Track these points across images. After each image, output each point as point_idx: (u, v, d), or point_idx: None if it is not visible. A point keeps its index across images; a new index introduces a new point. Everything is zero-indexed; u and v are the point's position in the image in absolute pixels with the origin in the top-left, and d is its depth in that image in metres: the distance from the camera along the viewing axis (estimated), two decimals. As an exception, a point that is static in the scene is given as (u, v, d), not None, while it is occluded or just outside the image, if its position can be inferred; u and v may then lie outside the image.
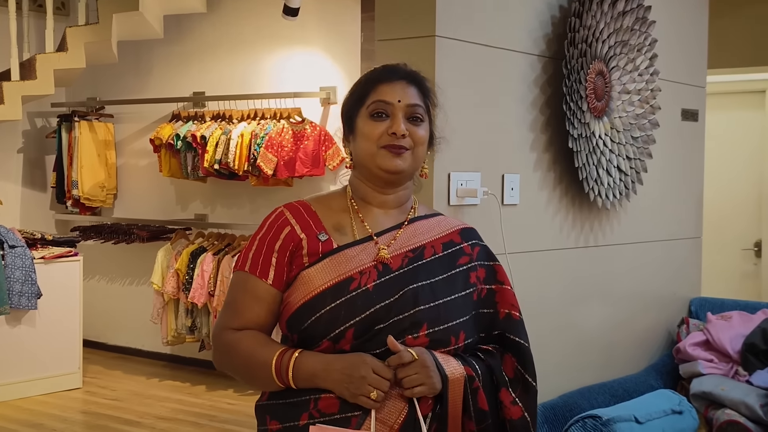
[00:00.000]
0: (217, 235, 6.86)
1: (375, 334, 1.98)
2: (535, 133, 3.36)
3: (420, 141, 2.09)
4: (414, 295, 2.02)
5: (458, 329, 2.05)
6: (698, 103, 4.36)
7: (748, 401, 3.48)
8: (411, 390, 1.94)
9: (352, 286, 2.01)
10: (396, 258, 2.07)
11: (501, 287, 2.17)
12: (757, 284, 7.02)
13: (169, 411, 5.98)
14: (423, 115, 2.12)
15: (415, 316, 2.00)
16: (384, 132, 2.06)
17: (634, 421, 3.23)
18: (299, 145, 6.34)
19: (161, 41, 7.11)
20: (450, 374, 1.99)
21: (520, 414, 2.09)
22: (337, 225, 2.11)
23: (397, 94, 2.09)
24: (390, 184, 2.12)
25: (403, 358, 1.93)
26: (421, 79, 2.17)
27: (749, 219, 7.06)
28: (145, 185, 7.62)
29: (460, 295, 2.09)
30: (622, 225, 3.84)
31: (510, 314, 2.16)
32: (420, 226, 2.16)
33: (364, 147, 2.09)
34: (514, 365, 2.13)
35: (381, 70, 2.16)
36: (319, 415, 1.96)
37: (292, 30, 6.54)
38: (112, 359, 7.54)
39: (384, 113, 2.08)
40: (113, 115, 7.70)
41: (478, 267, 2.16)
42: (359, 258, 2.05)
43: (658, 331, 4.14)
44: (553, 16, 3.43)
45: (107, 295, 7.86)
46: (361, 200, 2.15)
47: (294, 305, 2.03)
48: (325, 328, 1.98)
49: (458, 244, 2.17)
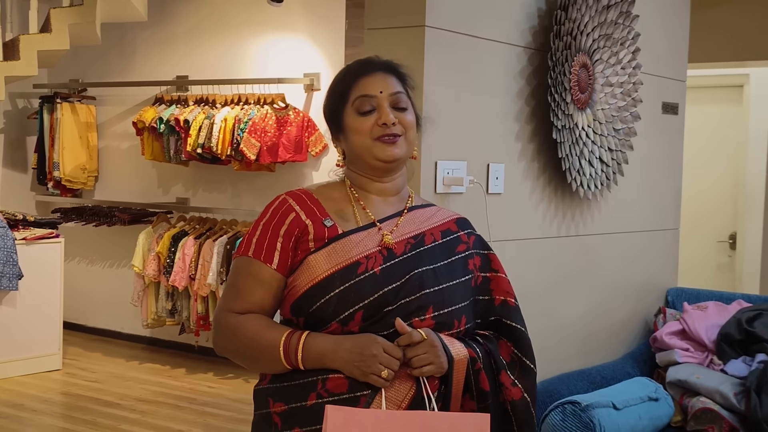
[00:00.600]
0: (199, 219, 6.89)
1: (383, 317, 2.03)
2: (520, 123, 3.41)
3: (409, 126, 2.16)
4: (419, 279, 2.08)
5: (460, 313, 2.12)
6: (678, 96, 4.43)
7: (722, 389, 3.55)
8: (420, 369, 2.00)
9: (360, 270, 2.05)
10: (399, 244, 2.12)
11: (496, 275, 2.25)
12: (732, 276, 7.12)
13: (149, 393, 6.01)
14: (407, 101, 2.18)
15: (422, 299, 2.06)
16: (374, 124, 2.12)
17: (612, 407, 3.29)
18: (282, 131, 6.37)
19: (145, 24, 7.10)
20: (455, 355, 2.06)
21: (520, 395, 2.17)
22: (340, 212, 2.15)
23: (378, 85, 2.14)
24: (387, 172, 2.17)
25: (414, 337, 1.99)
26: (396, 67, 2.23)
27: (724, 212, 7.16)
28: (126, 168, 7.62)
29: (461, 281, 2.16)
30: (602, 215, 3.90)
31: (506, 301, 2.23)
32: (419, 215, 2.22)
33: (357, 142, 2.14)
34: (510, 350, 2.21)
35: (357, 65, 2.22)
36: (327, 395, 2.00)
37: (276, 15, 6.56)
38: (91, 341, 7.56)
39: (370, 107, 2.13)
40: (95, 97, 7.69)
41: (474, 255, 2.23)
42: (364, 243, 2.10)
43: (636, 320, 4.21)
44: (539, 8, 3.47)
45: (87, 277, 7.87)
46: (361, 189, 2.20)
47: (300, 289, 2.07)
48: (334, 310, 2.03)
49: (455, 233, 2.23)
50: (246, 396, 5.93)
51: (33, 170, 7.74)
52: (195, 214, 6.98)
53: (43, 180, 7.55)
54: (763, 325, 3.80)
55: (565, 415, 3.19)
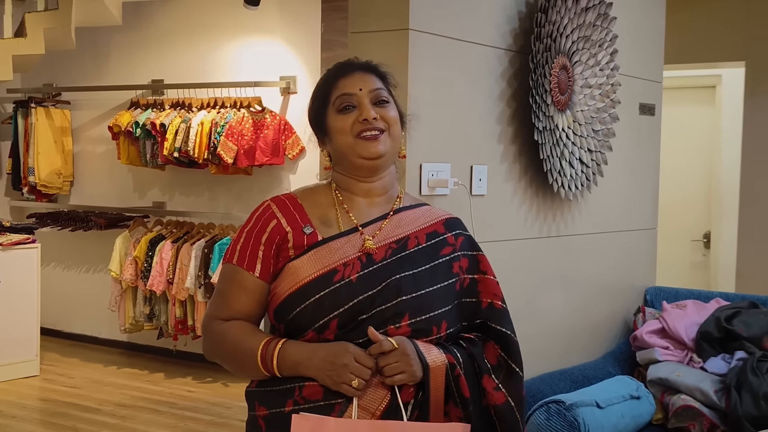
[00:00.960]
0: (176, 223, 6.87)
1: (358, 324, 2.02)
2: (502, 125, 3.44)
3: (392, 120, 2.14)
4: (397, 285, 2.06)
5: (440, 319, 2.09)
6: (655, 97, 4.47)
7: (702, 387, 3.59)
8: (391, 378, 1.99)
9: (336, 277, 2.05)
10: (380, 249, 2.11)
11: (483, 277, 2.21)
12: (706, 274, 7.20)
13: (129, 398, 6.00)
14: (388, 97, 2.17)
15: (398, 306, 2.05)
16: (355, 121, 2.11)
17: (595, 405, 3.33)
18: (259, 134, 6.37)
19: (119, 28, 7.06)
20: (431, 362, 2.03)
21: (503, 399, 2.13)
22: (323, 218, 2.14)
23: (357, 84, 2.14)
24: (373, 170, 2.15)
25: (384, 346, 1.98)
26: (375, 66, 2.22)
27: (699, 211, 7.23)
28: (102, 172, 7.59)
29: (443, 286, 2.13)
30: (582, 216, 3.94)
31: (492, 303, 2.20)
32: (405, 217, 2.20)
33: (340, 141, 2.13)
34: (497, 353, 2.17)
35: (336, 67, 2.22)
36: (303, 402, 2.01)
37: (252, 19, 6.56)
38: (68, 347, 7.52)
39: (350, 105, 2.12)
40: (70, 101, 7.66)
41: (461, 257, 2.20)
42: (344, 250, 2.09)
43: (616, 320, 4.25)
44: (519, 11, 3.50)
45: (63, 282, 7.82)
46: (346, 191, 2.18)
47: (281, 296, 2.08)
48: (310, 318, 2.03)
49: (442, 235, 2.21)
50: (225, 400, 5.93)
51: (8, 175, 7.69)
52: (172, 218, 6.96)
53: (17, 185, 7.50)
54: (742, 323, 3.85)
55: (550, 414, 3.22)
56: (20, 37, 6.38)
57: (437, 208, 2.31)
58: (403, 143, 2.22)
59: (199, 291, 6.30)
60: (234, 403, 5.86)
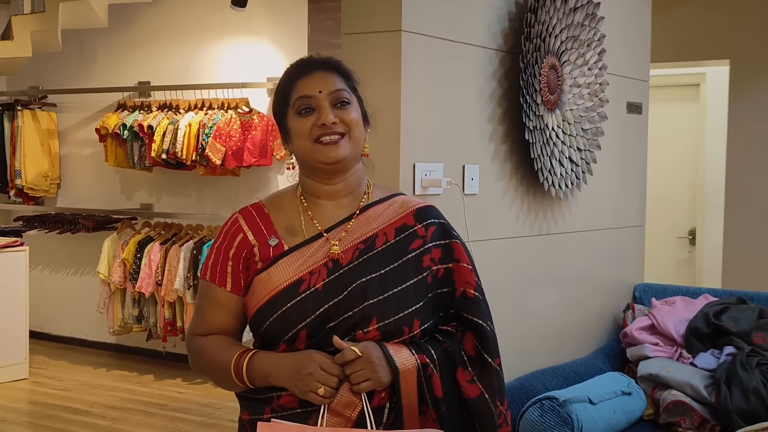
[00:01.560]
0: (164, 224, 6.87)
1: (327, 333, 2.00)
2: (493, 124, 3.47)
3: (353, 123, 2.08)
4: (363, 289, 2.03)
5: (411, 318, 2.05)
6: (642, 96, 4.51)
7: (692, 382, 3.63)
8: (358, 385, 1.97)
9: (302, 287, 2.03)
10: (347, 252, 2.07)
11: (457, 265, 2.14)
12: (692, 270, 7.26)
13: (119, 400, 6.00)
14: (349, 98, 2.10)
15: (365, 310, 2.02)
16: (313, 125, 2.05)
17: (587, 402, 3.36)
18: (247, 135, 6.38)
19: (105, 30, 7.06)
20: (401, 366, 2.00)
21: (477, 393, 2.09)
22: (289, 226, 2.12)
23: (316, 85, 2.07)
24: (335, 173, 2.11)
25: (346, 356, 1.96)
26: (336, 63, 2.16)
27: (684, 208, 7.29)
28: (89, 175, 7.58)
29: (412, 283, 2.08)
30: (572, 214, 3.97)
31: (465, 292, 2.13)
32: (372, 213, 2.14)
33: (299, 145, 2.08)
34: (474, 343, 2.12)
35: (296, 66, 2.15)
36: (280, 410, 2.02)
37: (238, 20, 6.56)
38: (56, 349, 7.51)
39: (309, 107, 2.07)
40: (56, 104, 7.64)
41: (432, 248, 2.13)
42: (310, 257, 2.06)
43: (606, 316, 4.28)
44: (509, 11, 3.53)
45: (51, 285, 7.81)
46: (311, 195, 2.14)
47: (252, 309, 2.08)
48: (279, 330, 2.02)
49: (411, 227, 2.14)
50: (215, 401, 5.94)
51: (-6, 179, 7.68)
52: (160, 220, 6.96)
53: (4, 188, 7.49)
54: (730, 319, 3.89)
55: (544, 411, 3.25)
56: (7, 40, 6.38)
57: (411, 197, 2.24)
58: (367, 141, 2.16)
59: (188, 292, 6.31)
60: (224, 404, 5.87)
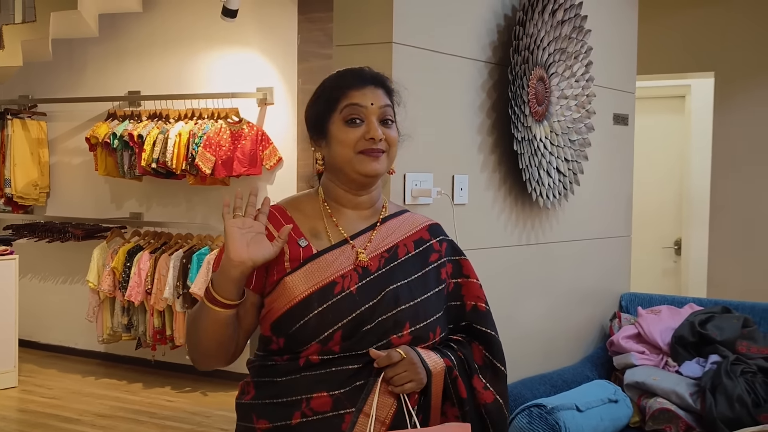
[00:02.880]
0: (154, 233, 6.90)
1: (362, 336, 2.05)
2: (482, 135, 3.52)
3: (393, 142, 2.15)
4: (395, 295, 2.09)
5: (435, 325, 2.14)
6: (628, 108, 4.57)
7: (678, 390, 3.68)
8: (402, 387, 2.02)
9: (336, 289, 2.06)
10: (373, 260, 2.13)
11: (467, 281, 2.26)
12: (677, 280, 7.31)
13: (108, 408, 6.01)
14: (393, 117, 2.17)
15: (398, 315, 2.07)
16: (360, 137, 2.10)
17: (575, 409, 3.41)
18: (237, 145, 6.42)
19: (95, 39, 7.11)
20: (433, 368, 2.08)
21: (492, 398, 2.20)
22: (313, 230, 2.15)
23: (368, 97, 2.12)
24: (364, 186, 2.16)
25: (393, 357, 2.02)
26: (385, 80, 2.21)
27: (670, 218, 7.35)
28: (78, 184, 7.60)
29: (434, 292, 2.17)
30: (560, 224, 4.02)
31: (476, 306, 2.25)
32: (392, 225, 2.22)
33: (340, 153, 2.11)
34: (482, 353, 2.23)
35: (349, 75, 2.19)
36: (311, 413, 2.02)
37: (228, 30, 6.60)
38: (45, 358, 7.52)
39: (358, 118, 2.11)
40: (46, 113, 7.66)
41: (446, 263, 2.24)
42: (339, 262, 2.10)
43: (593, 325, 4.33)
44: (498, 24, 3.59)
45: (40, 293, 7.82)
46: (334, 202, 2.19)
47: (279, 310, 2.07)
48: (313, 331, 2.03)
49: (428, 241, 2.24)
50: (204, 409, 5.97)
51: (-16, 187, 7.68)
52: (149, 229, 6.99)
53: (-6, 197, 7.51)
54: (715, 328, 3.95)
55: (532, 418, 3.29)
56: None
57: (418, 214, 2.32)
58: None
59: (178, 301, 6.33)
60: (213, 412, 5.89)
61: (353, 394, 2.03)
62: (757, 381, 3.61)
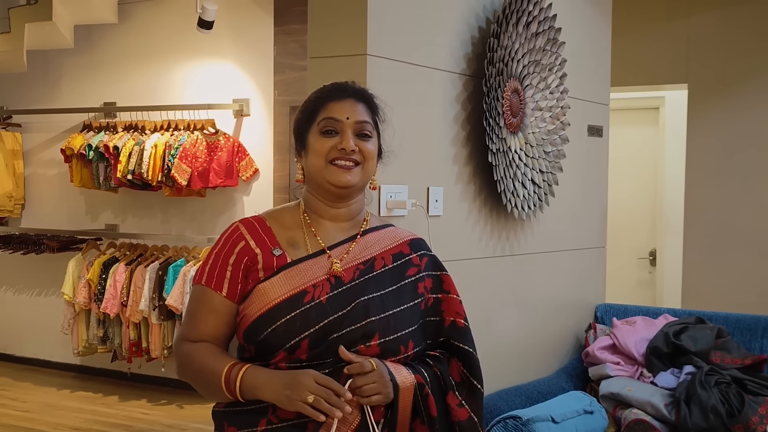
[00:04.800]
0: (129, 245, 6.86)
1: (329, 345, 2.06)
2: (457, 147, 3.52)
3: (369, 155, 2.19)
4: (365, 306, 2.11)
5: (407, 339, 2.15)
6: (602, 119, 4.59)
7: (653, 401, 3.69)
8: (368, 398, 2.03)
9: (306, 298, 2.09)
10: (348, 271, 2.15)
11: (447, 296, 2.28)
12: (652, 291, 7.35)
13: (84, 422, 5.97)
14: (371, 132, 2.21)
15: (367, 326, 2.09)
16: (333, 147, 2.15)
17: (550, 420, 3.41)
18: (213, 156, 6.41)
19: (70, 51, 7.08)
20: (401, 383, 2.09)
21: (467, 416, 2.20)
22: (291, 240, 2.18)
23: (345, 111, 2.17)
24: (341, 198, 2.20)
25: (365, 366, 2.03)
26: (369, 97, 2.27)
27: (644, 229, 7.38)
28: (53, 195, 7.56)
29: (408, 306, 2.18)
30: (535, 235, 4.03)
31: (455, 322, 2.26)
32: (371, 239, 2.24)
33: (313, 162, 2.17)
34: (460, 369, 2.24)
35: (330, 88, 2.24)
36: (277, 420, 2.04)
37: (204, 42, 6.60)
38: (20, 371, 7.47)
39: (333, 130, 2.16)
40: (21, 124, 7.62)
41: (425, 277, 2.26)
42: (312, 271, 2.13)
43: (568, 336, 4.34)
44: (473, 36, 3.60)
45: (15, 305, 7.77)
46: (314, 213, 2.22)
47: (251, 317, 2.10)
48: (281, 339, 2.06)
49: (407, 255, 2.26)
50: (180, 422, 5.93)
51: (-43, 199, 7.63)
52: (125, 241, 6.95)
53: (-32, 209, 7.46)
54: (689, 338, 3.97)
55: (508, 430, 3.29)
56: (-28, 60, 6.37)
57: (402, 229, 2.36)
58: (375, 175, 2.27)
59: (154, 313, 6.30)
60: (189, 425, 5.86)
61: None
62: (731, 391, 3.62)
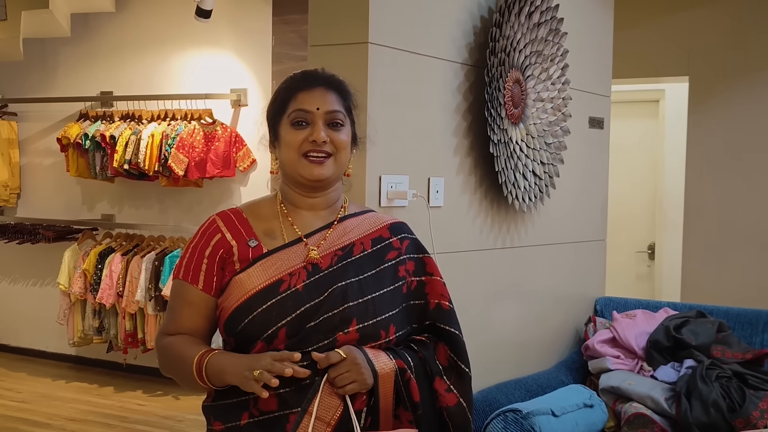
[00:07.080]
0: (126, 235, 6.83)
1: (307, 333, 2.04)
2: (458, 138, 3.49)
3: (342, 146, 2.15)
4: (342, 292, 2.08)
5: (388, 323, 2.12)
6: (604, 111, 4.56)
7: (653, 395, 3.67)
8: (344, 388, 2.00)
9: (282, 287, 2.07)
10: (326, 257, 2.13)
11: (430, 278, 2.25)
12: (651, 285, 7.33)
13: (79, 412, 5.94)
14: (343, 120, 2.17)
15: (344, 312, 2.06)
16: (304, 139, 2.12)
17: (550, 414, 3.38)
18: (210, 146, 6.37)
19: (67, 39, 7.04)
20: (380, 369, 2.05)
21: (455, 401, 2.18)
22: (268, 230, 2.16)
23: (315, 101, 2.14)
24: (316, 189, 2.18)
25: (331, 358, 2.00)
26: (339, 83, 2.22)
27: (643, 223, 7.36)
28: (50, 185, 7.52)
29: (389, 290, 2.16)
30: (536, 227, 4.00)
31: (440, 304, 2.23)
32: (349, 224, 2.22)
33: (286, 155, 2.15)
34: (447, 354, 2.21)
35: (300, 77, 2.21)
36: (258, 413, 2.03)
37: (202, 31, 6.56)
38: (15, 361, 7.44)
39: (304, 121, 2.13)
40: (17, 113, 7.58)
41: (407, 260, 2.23)
42: (289, 260, 2.11)
43: (568, 329, 4.32)
44: (475, 26, 3.56)
45: (10, 296, 7.74)
46: (290, 204, 2.21)
47: (229, 310, 2.09)
48: (258, 329, 2.05)
49: (387, 239, 2.23)
50: (176, 413, 5.91)
51: (-47, 188, 7.59)
52: (121, 231, 6.92)
53: (-37, 198, 7.42)
54: (690, 332, 3.94)
55: (507, 423, 3.27)
56: (-32, 48, 6.33)
57: (382, 214, 2.33)
58: (351, 161, 2.24)
59: (150, 304, 6.27)
60: (185, 416, 5.84)
61: (298, 393, 2.01)
62: (732, 386, 3.60)
